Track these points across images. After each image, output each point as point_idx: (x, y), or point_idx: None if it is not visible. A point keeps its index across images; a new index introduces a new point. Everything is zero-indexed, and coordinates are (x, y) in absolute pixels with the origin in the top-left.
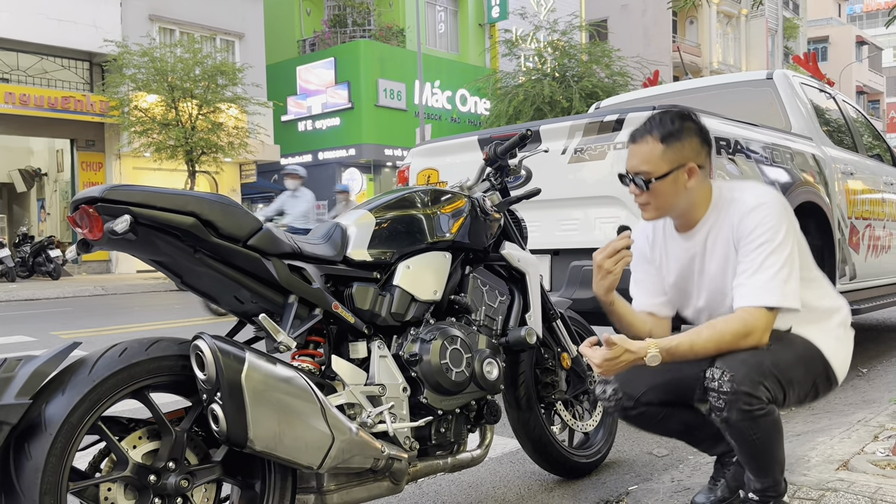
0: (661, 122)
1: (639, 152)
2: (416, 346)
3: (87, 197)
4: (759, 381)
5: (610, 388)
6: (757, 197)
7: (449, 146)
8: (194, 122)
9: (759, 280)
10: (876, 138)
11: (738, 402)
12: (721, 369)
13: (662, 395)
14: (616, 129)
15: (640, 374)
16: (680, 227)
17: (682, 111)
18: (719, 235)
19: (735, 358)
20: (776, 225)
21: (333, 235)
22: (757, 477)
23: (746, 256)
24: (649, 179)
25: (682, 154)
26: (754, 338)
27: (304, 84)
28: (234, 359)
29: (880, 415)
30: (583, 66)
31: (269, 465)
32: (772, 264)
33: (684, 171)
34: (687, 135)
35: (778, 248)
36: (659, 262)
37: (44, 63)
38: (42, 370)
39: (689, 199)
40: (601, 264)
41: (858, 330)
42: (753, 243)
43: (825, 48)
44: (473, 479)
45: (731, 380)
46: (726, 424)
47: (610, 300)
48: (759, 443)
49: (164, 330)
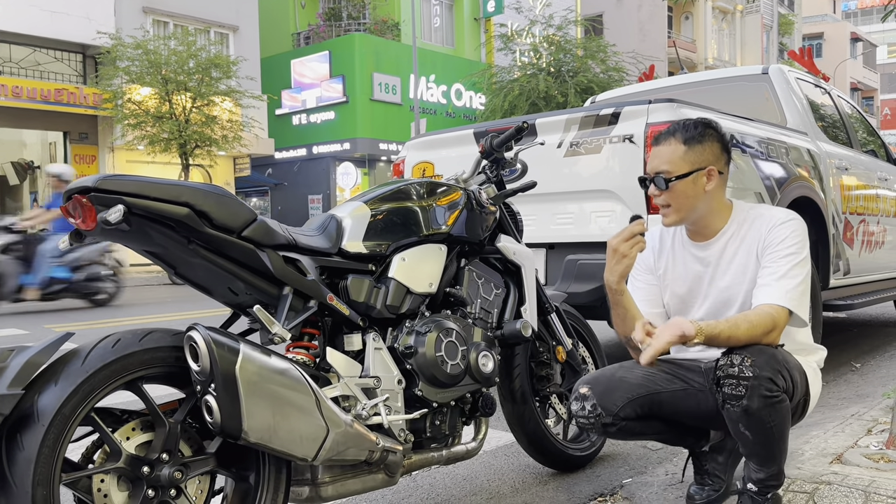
0: (685, 127)
1: (661, 153)
2: (411, 339)
3: (80, 187)
4: (778, 370)
5: (588, 403)
6: (787, 214)
7: (444, 139)
8: (188, 115)
9: (786, 284)
10: (870, 134)
11: (760, 387)
12: (741, 356)
13: (640, 410)
14: (612, 122)
15: (617, 387)
16: (695, 236)
17: (706, 120)
18: (741, 247)
19: (752, 347)
20: (802, 241)
21: (328, 227)
22: (763, 466)
23: (774, 262)
24: (670, 178)
25: (702, 156)
26: (774, 335)
27: (298, 77)
28: (229, 350)
29: (873, 409)
30: (578, 61)
31: (264, 457)
32: (796, 275)
33: (704, 174)
34: (709, 140)
35: (802, 262)
36: (663, 270)
37: (36, 55)
38: (34, 361)
39: (708, 203)
40: (617, 248)
41: (852, 325)
42: (782, 252)
43: (820, 45)
44: (468, 472)
45: (753, 364)
46: (745, 413)
47: (621, 289)
48: (774, 430)
49: (158, 323)
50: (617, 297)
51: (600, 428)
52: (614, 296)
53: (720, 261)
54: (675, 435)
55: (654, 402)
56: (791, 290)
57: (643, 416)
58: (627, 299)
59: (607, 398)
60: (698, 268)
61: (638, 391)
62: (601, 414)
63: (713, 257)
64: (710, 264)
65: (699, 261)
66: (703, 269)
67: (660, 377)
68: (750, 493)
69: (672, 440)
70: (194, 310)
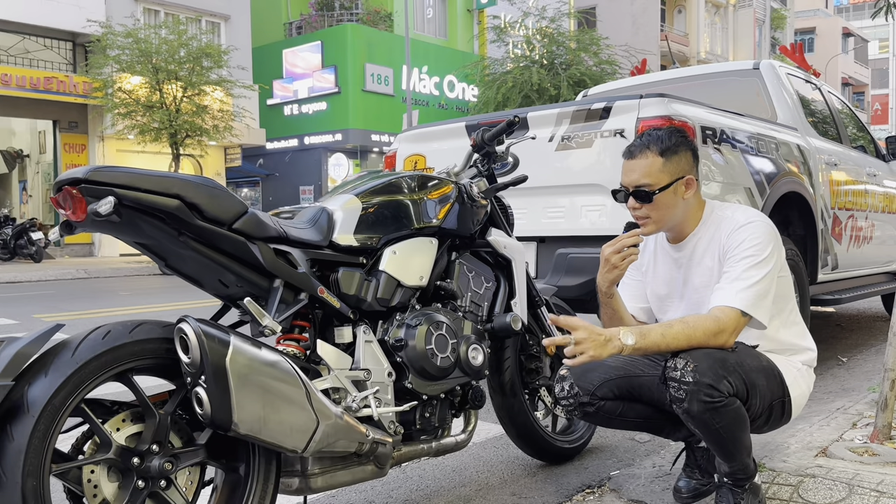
0: (659, 139)
1: (638, 167)
2: (401, 332)
3: (70, 178)
4: (723, 376)
5: (566, 383)
6: (748, 216)
7: (436, 132)
8: (179, 104)
9: (738, 286)
10: (860, 129)
11: (699, 393)
12: (685, 360)
13: (617, 390)
14: (603, 116)
15: (593, 369)
16: (671, 239)
17: (675, 128)
18: (707, 250)
19: (699, 351)
20: (763, 242)
21: (319, 220)
22: (725, 461)
23: (731, 267)
24: (652, 192)
25: (679, 166)
26: (723, 337)
27: (290, 67)
28: (219, 342)
29: (859, 403)
30: (571, 53)
31: (254, 449)
32: (752, 276)
33: (682, 183)
34: (682, 149)
35: (761, 264)
36: (647, 267)
37: (26, 43)
38: (25, 352)
39: (684, 211)
40: (608, 258)
41: (840, 319)
42: (738, 255)
43: (812, 39)
44: (457, 464)
45: (694, 370)
46: (687, 415)
47: (611, 293)
48: (722, 431)
49: (148, 313)
50: (606, 298)
51: (579, 408)
52: (604, 297)
53: (690, 262)
54: (658, 424)
55: (633, 386)
56: (743, 291)
57: (622, 398)
58: (616, 301)
59: (584, 378)
60: (674, 269)
61: (616, 373)
62: (578, 393)
63: (685, 258)
64: (682, 265)
65: (674, 262)
66: (677, 269)
67: (641, 362)
68: (728, 485)
69: (655, 429)
70: (185, 300)
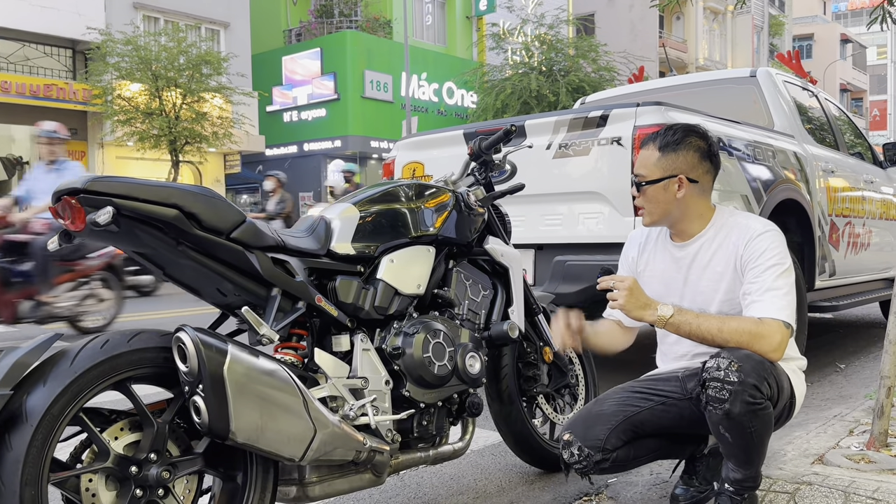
0: (664, 133)
1: (641, 157)
2: (399, 340)
3: (69, 188)
4: (765, 378)
5: (574, 448)
6: (765, 225)
7: (434, 140)
8: (178, 111)
9: (774, 297)
10: (857, 136)
11: (744, 393)
12: (728, 359)
13: (623, 436)
14: (600, 125)
15: (595, 422)
16: (675, 236)
17: (691, 126)
18: (717, 253)
19: (740, 352)
20: (784, 252)
21: (317, 229)
22: (741, 467)
23: (758, 277)
24: (641, 183)
25: (674, 164)
26: (763, 344)
27: (289, 74)
28: (217, 351)
29: (856, 410)
30: (569, 60)
31: (251, 457)
32: (782, 286)
33: (674, 182)
34: (685, 148)
35: (786, 273)
36: (644, 266)
37: (25, 50)
38: (23, 361)
39: (682, 210)
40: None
41: (837, 326)
42: (764, 265)
43: (810, 45)
44: (455, 472)
45: (740, 370)
46: (726, 417)
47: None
48: (754, 435)
49: (146, 322)
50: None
51: (595, 467)
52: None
53: (693, 263)
54: (672, 448)
55: (636, 424)
56: (782, 302)
57: (630, 441)
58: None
59: (590, 435)
60: (673, 267)
61: (616, 419)
62: (590, 454)
63: (687, 259)
64: (684, 265)
65: (675, 260)
66: (677, 268)
67: (634, 398)
68: (727, 493)
69: (672, 453)
70: (182, 308)
